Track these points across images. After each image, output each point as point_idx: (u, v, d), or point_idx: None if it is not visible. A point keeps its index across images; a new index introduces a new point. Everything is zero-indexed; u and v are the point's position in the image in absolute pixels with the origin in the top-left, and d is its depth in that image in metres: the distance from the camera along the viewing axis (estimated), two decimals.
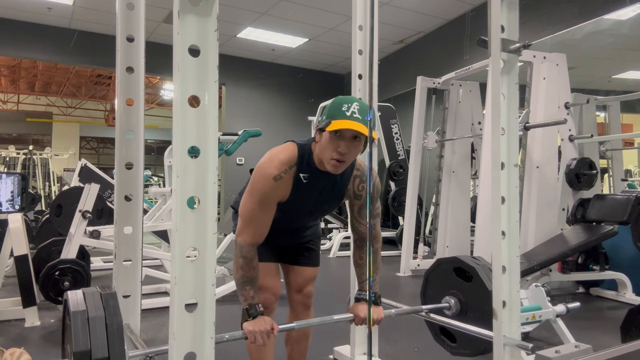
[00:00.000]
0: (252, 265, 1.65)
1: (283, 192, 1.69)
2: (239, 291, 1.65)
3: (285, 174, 1.67)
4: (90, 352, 1.28)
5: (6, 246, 3.42)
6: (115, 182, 1.97)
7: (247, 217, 1.67)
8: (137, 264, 1.97)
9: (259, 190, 1.65)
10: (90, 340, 1.30)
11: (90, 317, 1.35)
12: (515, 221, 1.59)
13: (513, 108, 1.60)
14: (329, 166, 1.62)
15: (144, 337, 2.90)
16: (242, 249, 1.65)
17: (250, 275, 1.65)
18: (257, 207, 1.66)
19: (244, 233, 1.66)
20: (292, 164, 1.68)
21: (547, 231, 4.16)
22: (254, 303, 1.63)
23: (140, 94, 1.97)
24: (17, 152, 11.03)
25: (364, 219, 1.86)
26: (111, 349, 1.31)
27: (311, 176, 1.71)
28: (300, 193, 1.72)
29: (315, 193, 1.75)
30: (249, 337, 1.60)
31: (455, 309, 2.07)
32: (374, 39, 2.09)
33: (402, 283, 4.92)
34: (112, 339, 1.33)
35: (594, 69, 8.22)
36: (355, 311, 1.83)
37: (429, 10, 7.00)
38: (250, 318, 1.61)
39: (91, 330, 1.32)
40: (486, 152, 4.21)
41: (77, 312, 1.33)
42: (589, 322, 3.42)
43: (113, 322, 1.36)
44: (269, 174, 1.65)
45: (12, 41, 7.70)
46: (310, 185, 1.71)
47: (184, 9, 1.15)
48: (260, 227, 1.68)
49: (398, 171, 7.14)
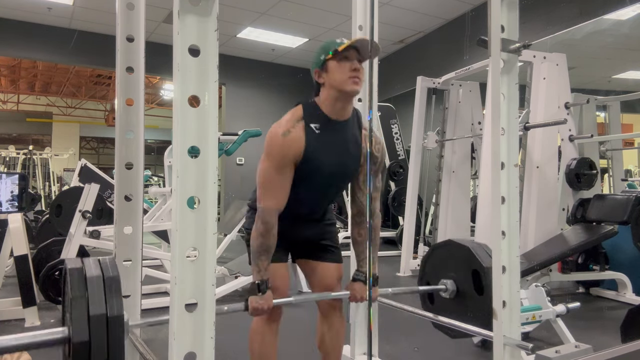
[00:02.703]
0: (272, 233, 1.65)
1: (297, 147, 1.65)
2: (254, 261, 1.66)
3: (294, 128, 1.66)
4: (89, 310, 1.25)
5: (6, 246, 3.42)
6: (115, 182, 1.96)
7: (266, 183, 1.66)
8: (137, 264, 1.96)
9: (273, 153, 1.65)
10: (88, 297, 1.28)
11: (87, 276, 1.33)
12: (515, 221, 1.59)
13: (513, 108, 1.60)
14: (349, 85, 1.63)
15: (144, 337, 2.90)
16: (264, 215, 1.64)
17: (268, 244, 1.66)
18: (274, 171, 1.65)
19: (265, 199, 1.66)
20: (299, 118, 1.69)
21: (547, 231, 4.16)
22: (265, 279, 1.66)
23: (140, 94, 1.96)
24: (17, 152, 11.02)
25: (373, 187, 1.85)
26: (109, 310, 1.28)
27: (322, 126, 1.69)
28: (316, 145, 1.67)
29: (332, 145, 1.71)
30: (254, 313, 1.65)
31: (451, 291, 2.09)
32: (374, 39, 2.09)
33: (402, 283, 4.92)
34: (109, 294, 1.31)
35: (594, 69, 8.22)
36: (351, 289, 1.87)
37: (429, 10, 7.00)
38: (260, 293, 1.64)
39: (89, 285, 1.31)
40: (486, 152, 4.20)
41: (74, 269, 1.32)
42: (589, 322, 3.42)
43: (111, 279, 1.35)
44: (277, 133, 1.65)
45: (12, 41, 7.70)
46: (324, 135, 1.69)
47: (184, 9, 1.15)
48: (280, 191, 1.66)
49: (398, 171, 7.14)
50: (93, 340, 1.24)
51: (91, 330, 1.24)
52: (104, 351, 1.24)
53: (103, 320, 1.26)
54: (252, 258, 1.68)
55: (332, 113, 1.70)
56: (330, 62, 1.66)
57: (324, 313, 1.97)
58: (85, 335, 1.24)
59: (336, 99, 1.69)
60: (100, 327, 1.25)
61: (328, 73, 1.67)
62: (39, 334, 1.31)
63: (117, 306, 1.30)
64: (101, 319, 1.26)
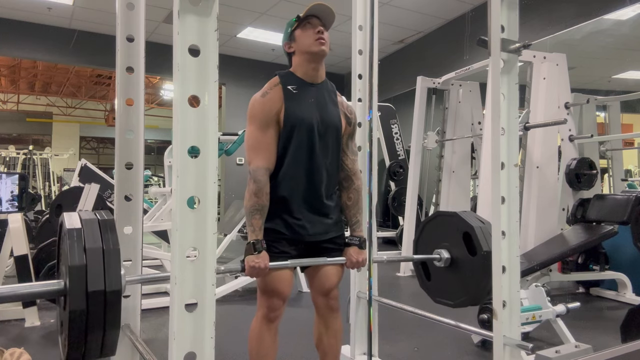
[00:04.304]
0: (264, 192, 1.72)
1: (277, 105, 1.76)
2: (248, 221, 1.71)
3: (271, 90, 1.79)
4: (87, 267, 1.25)
5: (6, 246, 3.42)
6: (115, 182, 1.96)
7: (253, 145, 1.76)
8: (137, 264, 1.96)
9: (255, 114, 1.77)
10: (84, 234, 1.30)
11: (83, 218, 1.35)
12: (515, 221, 1.59)
13: (513, 108, 1.60)
14: (316, 47, 1.77)
15: (144, 337, 2.91)
16: (255, 174, 1.72)
17: (261, 203, 1.71)
18: (259, 132, 1.75)
19: (254, 159, 1.74)
20: (276, 83, 1.81)
21: (547, 231, 4.16)
22: (260, 239, 1.69)
23: (140, 94, 1.96)
24: (17, 152, 11.03)
25: (349, 150, 1.95)
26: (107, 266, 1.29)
27: (299, 87, 1.81)
28: (295, 103, 1.78)
29: (311, 102, 1.81)
30: (250, 273, 1.67)
31: (446, 259, 2.11)
32: (374, 39, 2.10)
33: (402, 283, 4.92)
34: (105, 234, 1.32)
35: (594, 69, 8.22)
36: (347, 255, 1.89)
37: (429, 10, 7.00)
38: (256, 252, 1.67)
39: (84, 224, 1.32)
40: (486, 152, 4.21)
41: (73, 230, 1.32)
42: (589, 322, 3.42)
43: (106, 221, 1.37)
44: (256, 97, 1.79)
45: (12, 41, 7.70)
46: (301, 95, 1.80)
47: (184, 9, 1.15)
48: (267, 150, 1.75)
49: (398, 171, 7.14)
50: (89, 265, 1.25)
51: (87, 258, 1.26)
52: (101, 278, 1.25)
53: (99, 253, 1.28)
54: (246, 218, 1.72)
55: (306, 76, 1.83)
56: (296, 32, 1.82)
57: (321, 314, 1.97)
58: (82, 260, 1.25)
59: (308, 62, 1.82)
60: (96, 258, 1.27)
61: (296, 41, 1.82)
62: (37, 284, 1.34)
63: (113, 241, 1.33)
64: (97, 252, 1.28)
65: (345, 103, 1.97)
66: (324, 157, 1.84)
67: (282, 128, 1.77)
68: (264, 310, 1.81)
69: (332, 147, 1.86)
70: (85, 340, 1.25)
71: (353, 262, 1.88)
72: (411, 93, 5.71)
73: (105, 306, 1.25)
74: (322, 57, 1.82)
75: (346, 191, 1.94)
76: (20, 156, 10.97)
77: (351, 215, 1.93)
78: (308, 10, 1.79)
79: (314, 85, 1.84)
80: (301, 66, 1.83)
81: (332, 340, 1.96)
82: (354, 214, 1.93)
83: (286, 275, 1.82)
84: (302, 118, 1.77)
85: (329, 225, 1.88)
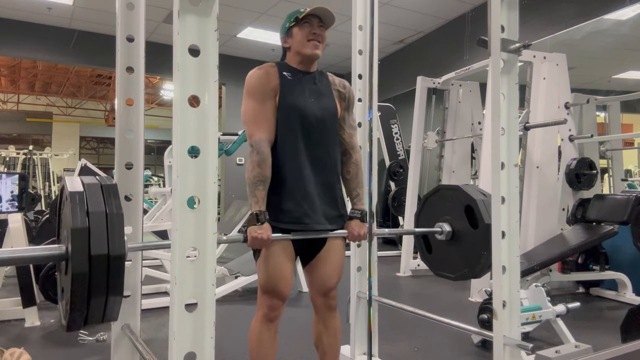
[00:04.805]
0: (267, 163, 1.72)
1: (273, 80, 1.78)
2: (251, 192, 1.71)
3: (269, 67, 1.82)
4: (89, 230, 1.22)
5: (6, 246, 3.42)
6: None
7: (252, 118, 1.77)
8: (137, 264, 1.97)
9: (252, 87, 1.78)
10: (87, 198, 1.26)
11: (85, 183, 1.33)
12: (515, 221, 1.59)
13: (513, 108, 1.60)
14: (309, 49, 1.80)
15: (144, 337, 2.91)
16: (258, 145, 1.72)
17: (264, 174, 1.71)
18: (258, 104, 1.77)
19: (255, 132, 1.75)
20: (272, 65, 1.84)
21: (547, 231, 4.16)
22: (263, 210, 1.69)
23: (140, 94, 1.97)
24: (17, 152, 11.02)
25: (346, 125, 1.96)
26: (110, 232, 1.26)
27: (293, 75, 1.83)
28: (290, 87, 1.80)
29: (305, 88, 1.83)
30: (252, 243, 1.67)
31: (447, 232, 2.11)
32: (374, 39, 2.10)
33: (402, 283, 4.92)
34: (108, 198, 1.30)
35: (594, 69, 8.22)
36: (348, 228, 1.89)
37: (429, 10, 7.00)
38: (259, 223, 1.66)
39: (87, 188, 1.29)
40: (486, 152, 4.21)
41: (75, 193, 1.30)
42: (589, 322, 3.42)
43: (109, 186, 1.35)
44: (253, 72, 1.80)
45: (12, 41, 7.70)
46: (296, 81, 1.82)
47: (184, 9, 1.16)
48: (267, 122, 1.77)
49: (398, 171, 7.13)
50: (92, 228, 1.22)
51: (90, 221, 1.23)
52: (104, 242, 1.23)
53: (102, 217, 1.25)
54: (248, 190, 1.71)
55: (300, 66, 1.87)
56: (294, 29, 1.84)
57: (319, 313, 1.97)
58: (85, 223, 1.22)
59: (300, 62, 1.85)
60: (100, 221, 1.24)
61: (292, 38, 1.85)
62: (38, 248, 1.31)
63: (116, 205, 1.30)
64: (100, 215, 1.25)
65: (337, 79, 1.99)
66: (322, 141, 1.84)
67: (277, 111, 1.78)
68: (264, 309, 1.81)
69: (330, 131, 1.87)
70: (87, 305, 1.22)
71: (355, 235, 1.88)
72: (411, 93, 5.71)
73: (109, 270, 1.22)
74: (314, 60, 1.85)
75: (345, 165, 1.95)
76: (20, 156, 10.97)
77: (351, 189, 1.94)
78: (309, 12, 1.81)
79: (308, 73, 1.87)
80: (294, 61, 1.87)
81: (332, 340, 1.97)
82: (354, 188, 1.93)
83: (286, 275, 1.82)
84: (297, 105, 1.79)
85: (330, 215, 1.86)
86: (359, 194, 1.92)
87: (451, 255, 2.11)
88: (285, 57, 1.91)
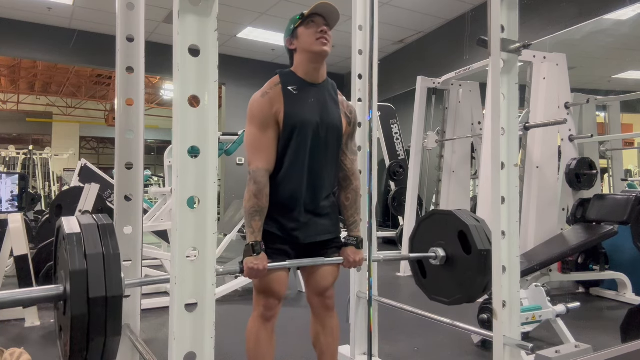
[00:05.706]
0: (264, 193, 1.72)
1: (276, 105, 1.75)
2: (248, 222, 1.71)
3: (271, 90, 1.78)
4: (87, 272, 1.24)
5: (6, 246, 3.42)
6: (115, 182, 1.96)
7: (253, 145, 1.75)
8: (137, 264, 1.97)
9: (254, 114, 1.76)
10: (84, 239, 1.28)
11: (82, 223, 1.34)
12: (515, 221, 1.59)
13: (513, 108, 1.60)
14: (318, 46, 1.76)
15: (144, 337, 2.91)
16: (255, 175, 1.72)
17: (261, 205, 1.71)
18: (259, 132, 1.75)
19: (254, 160, 1.74)
20: (276, 83, 1.80)
21: (547, 231, 4.16)
22: (259, 240, 1.70)
23: (140, 94, 1.97)
24: (17, 152, 11.02)
25: (349, 150, 1.95)
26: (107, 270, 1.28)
27: (299, 87, 1.79)
28: (295, 104, 1.77)
29: (311, 103, 1.80)
30: (249, 274, 1.67)
31: (441, 257, 2.12)
32: (374, 39, 2.10)
33: (402, 283, 4.92)
34: (104, 238, 1.31)
35: (594, 69, 8.22)
36: (344, 255, 1.90)
37: (429, 10, 7.00)
38: (255, 254, 1.67)
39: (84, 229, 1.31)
40: (486, 152, 4.21)
41: (72, 234, 1.32)
42: (589, 322, 3.42)
43: (105, 226, 1.35)
44: (256, 97, 1.78)
45: (12, 41, 7.70)
46: (302, 95, 1.79)
47: (184, 9, 1.16)
48: (267, 151, 1.75)
49: (398, 171, 7.14)
50: (90, 270, 1.24)
51: (88, 264, 1.24)
52: (102, 284, 1.24)
53: (100, 259, 1.27)
54: (245, 220, 1.72)
55: (307, 76, 1.82)
56: (299, 29, 1.80)
57: (317, 313, 1.98)
58: (83, 265, 1.24)
59: (309, 61, 1.80)
60: (97, 263, 1.26)
61: (298, 39, 1.81)
62: (36, 290, 1.33)
63: (113, 246, 1.32)
64: (98, 257, 1.27)
65: (346, 103, 1.97)
66: (324, 159, 1.84)
67: (282, 129, 1.75)
68: (260, 309, 1.81)
69: (332, 148, 1.86)
70: (87, 347, 1.24)
71: (350, 262, 1.89)
72: (411, 93, 5.71)
73: (107, 312, 1.24)
74: (324, 57, 1.80)
75: (344, 191, 1.95)
76: (20, 156, 10.97)
77: (349, 215, 1.94)
78: (313, 9, 1.78)
79: (315, 86, 1.83)
80: (302, 65, 1.82)
81: (329, 339, 1.98)
82: (352, 214, 1.93)
83: (282, 276, 1.82)
84: (303, 119, 1.76)
85: (327, 227, 1.89)
86: (356, 220, 1.93)
87: (445, 280, 2.13)
88: (292, 62, 1.87)
